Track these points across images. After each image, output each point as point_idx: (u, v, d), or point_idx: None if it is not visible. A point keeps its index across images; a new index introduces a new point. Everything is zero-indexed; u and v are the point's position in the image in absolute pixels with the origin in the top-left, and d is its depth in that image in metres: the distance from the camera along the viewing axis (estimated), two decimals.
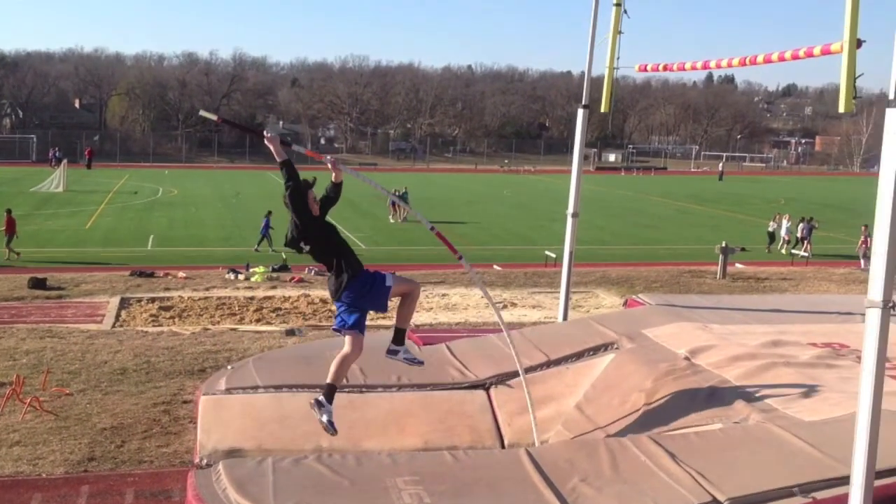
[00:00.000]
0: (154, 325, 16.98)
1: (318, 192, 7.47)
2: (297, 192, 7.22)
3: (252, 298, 19.73)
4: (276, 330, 16.42)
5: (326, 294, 20.01)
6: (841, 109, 5.75)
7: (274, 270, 23.47)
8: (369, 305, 7.41)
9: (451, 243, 7.86)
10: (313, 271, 23.49)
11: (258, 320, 17.68)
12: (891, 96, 5.27)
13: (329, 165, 7.69)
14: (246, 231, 34.17)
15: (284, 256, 25.43)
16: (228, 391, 9.07)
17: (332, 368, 7.40)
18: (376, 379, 9.16)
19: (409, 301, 7.67)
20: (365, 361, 9.67)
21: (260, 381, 9.24)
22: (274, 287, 21.40)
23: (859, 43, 5.66)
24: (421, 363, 7.98)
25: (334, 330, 7.60)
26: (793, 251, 29.44)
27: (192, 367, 13.00)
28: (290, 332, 15.88)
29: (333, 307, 19.22)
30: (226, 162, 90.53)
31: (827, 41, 5.97)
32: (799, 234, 30.53)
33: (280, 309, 18.74)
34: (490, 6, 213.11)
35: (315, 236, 7.35)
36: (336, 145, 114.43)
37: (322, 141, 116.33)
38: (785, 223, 31.46)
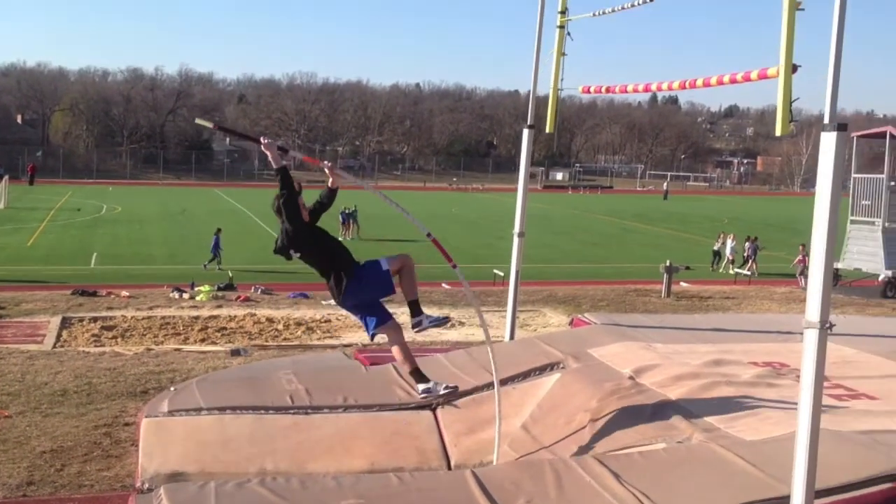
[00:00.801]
0: (96, 346, 16.68)
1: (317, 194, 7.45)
2: (291, 199, 7.21)
3: (197, 318, 19.48)
4: (221, 350, 16.23)
5: (273, 313, 19.93)
6: (778, 133, 5.89)
7: (220, 289, 23.22)
8: (378, 294, 7.44)
9: (447, 253, 7.85)
10: (260, 290, 23.30)
11: (203, 340, 17.46)
12: (826, 120, 5.41)
13: (326, 171, 7.65)
14: (192, 248, 33.79)
15: (231, 275, 25.19)
16: (171, 413, 8.93)
17: (400, 359, 7.72)
18: (322, 400, 9.09)
19: (406, 274, 7.66)
20: (311, 382, 9.62)
21: (203, 403, 9.11)
22: (219, 306, 21.16)
23: (795, 68, 5.80)
24: (447, 319, 7.92)
25: (371, 338, 7.81)
26: (737, 270, 29.89)
27: (135, 388, 12.79)
28: (236, 353, 15.70)
29: (280, 326, 18.99)
30: (172, 178, 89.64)
31: (767, 64, 6.09)
32: (745, 254, 31.03)
33: (225, 328, 18.53)
34: (437, 25, 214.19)
35: (306, 243, 7.32)
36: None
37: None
38: (730, 242, 31.94)
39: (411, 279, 7.66)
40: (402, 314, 8.76)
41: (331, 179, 7.62)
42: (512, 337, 12.02)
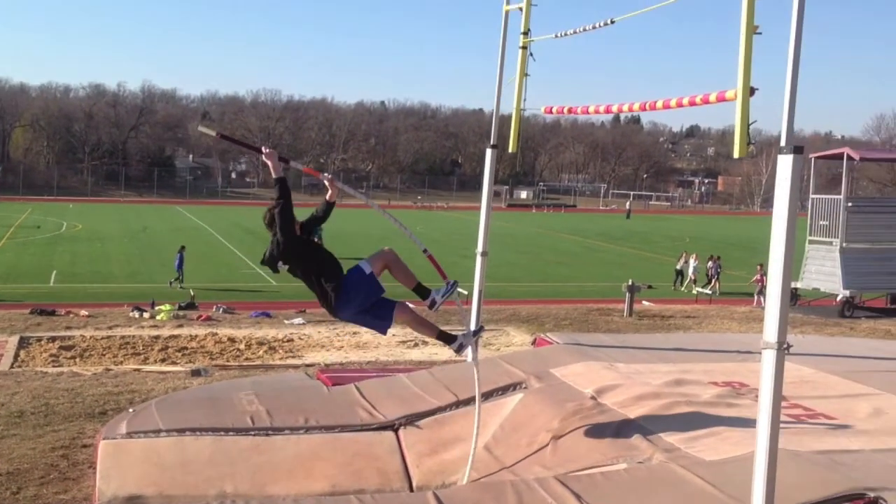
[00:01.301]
0: (54, 366, 16.44)
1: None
2: (288, 209, 7.15)
3: (157, 337, 19.28)
4: (182, 370, 16.06)
5: (234, 332, 19.77)
6: (736, 155, 5.96)
7: (181, 308, 23.01)
8: (368, 298, 7.34)
9: (442, 269, 7.84)
10: (222, 309, 23.13)
11: (163, 360, 17.28)
12: (783, 143, 5.49)
13: (326, 183, 7.59)
14: (153, 267, 33.50)
15: (192, 293, 24.99)
16: (129, 435, 8.80)
17: (422, 331, 7.79)
18: (283, 421, 9.01)
19: (394, 267, 7.55)
20: (272, 403, 9.53)
21: (162, 425, 9.00)
22: (180, 325, 20.96)
23: (752, 91, 5.88)
24: (455, 283, 7.82)
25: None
26: (698, 289, 30.14)
27: (93, 409, 12.60)
28: (196, 373, 15.55)
29: (242, 346, 18.85)
30: (133, 195, 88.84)
31: (727, 85, 6.16)
32: (708, 273, 31.33)
33: (186, 348, 18.36)
34: (402, 43, 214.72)
35: (296, 255, 7.25)
36: (248, 179, 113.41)
37: (233, 175, 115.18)
38: (693, 262, 32.22)
39: (401, 269, 7.58)
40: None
41: (329, 192, 7.56)
42: (475, 357, 12.00)
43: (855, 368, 10.20)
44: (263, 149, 7.37)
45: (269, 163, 7.30)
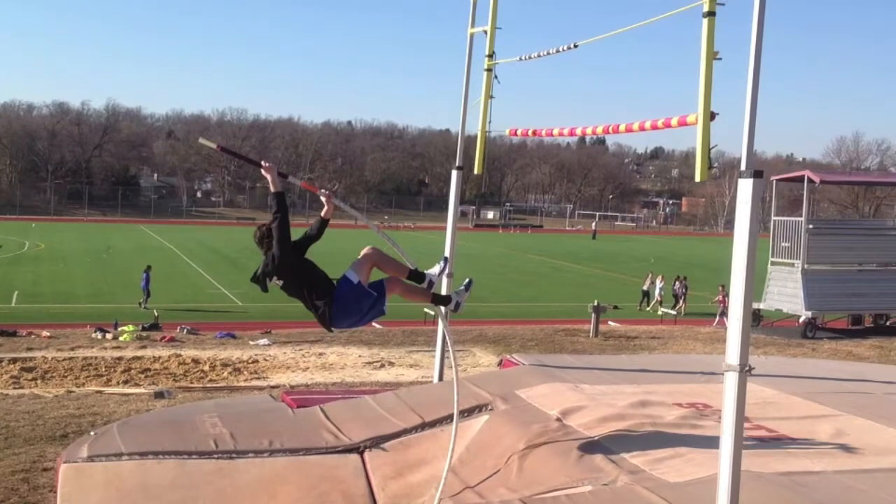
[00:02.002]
0: (15, 388, 16.20)
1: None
2: (285, 224, 7.05)
3: (120, 359, 19.07)
4: (145, 392, 15.90)
5: (199, 353, 19.60)
6: (697, 179, 6.03)
7: (144, 329, 22.80)
8: (361, 308, 7.29)
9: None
10: (186, 330, 22.94)
11: (126, 382, 17.09)
12: (743, 167, 5.57)
13: (323, 199, 7.53)
14: (116, 287, 33.19)
15: (157, 314, 24.76)
16: (91, 458, 8.68)
17: (416, 299, 7.77)
18: (247, 444, 8.93)
19: (383, 263, 7.50)
20: (236, 425, 9.45)
21: (124, 448, 8.88)
22: (144, 346, 20.75)
23: (713, 115, 5.96)
24: (445, 261, 7.91)
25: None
26: (663, 310, 30.34)
27: (54, 432, 12.43)
28: (160, 395, 15.39)
29: (206, 367, 18.67)
30: (97, 215, 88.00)
31: (690, 108, 6.23)
32: (674, 293, 31.57)
33: (149, 370, 18.18)
34: (369, 64, 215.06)
35: (291, 271, 7.14)
36: (213, 199, 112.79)
37: (198, 194, 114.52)
38: (659, 283, 32.43)
39: (390, 263, 7.53)
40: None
41: (325, 209, 7.51)
42: (440, 378, 12.00)
43: (817, 390, 10.31)
44: (263, 163, 7.31)
45: (268, 177, 7.23)
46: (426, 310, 24.93)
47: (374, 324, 25.50)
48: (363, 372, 18.62)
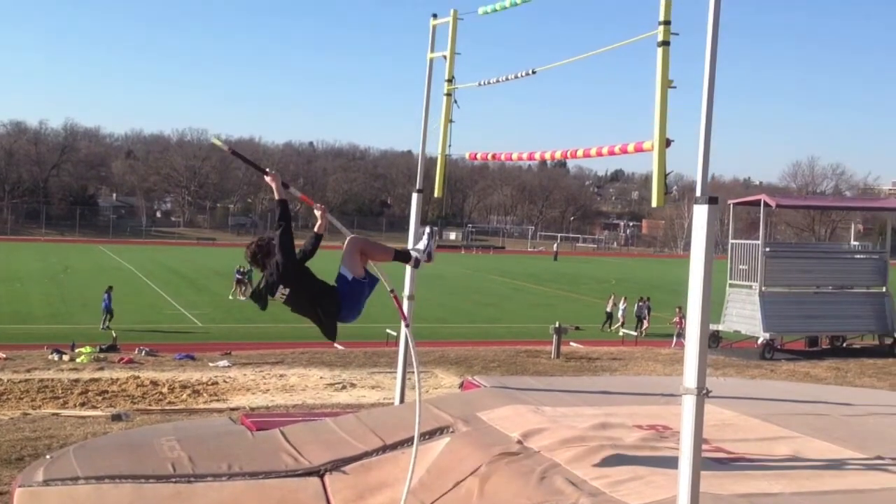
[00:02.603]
0: None
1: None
2: (290, 231, 7.09)
3: (77, 381, 18.81)
4: (102, 415, 15.69)
5: (157, 375, 19.39)
6: (654, 204, 6.11)
7: (102, 351, 22.52)
8: (363, 299, 7.39)
9: (403, 311, 8.00)
10: (144, 351, 22.70)
11: (83, 404, 16.86)
12: (698, 193, 5.66)
13: (317, 213, 7.50)
14: (74, 308, 32.79)
15: (115, 335, 24.49)
16: (46, 483, 8.54)
17: (379, 258, 7.63)
18: (206, 468, 8.84)
19: (369, 251, 7.56)
20: (194, 449, 9.36)
21: (80, 472, 8.76)
22: (101, 368, 20.50)
23: (669, 142, 6.05)
24: (429, 234, 7.90)
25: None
26: (624, 331, 30.54)
27: (9, 455, 12.24)
28: (117, 417, 15.20)
29: (165, 389, 18.49)
30: (55, 235, 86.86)
31: (647, 132, 6.31)
32: (637, 314, 31.80)
33: (107, 392, 17.94)
34: (331, 85, 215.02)
35: (296, 278, 7.11)
36: (173, 219, 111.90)
37: (158, 214, 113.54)
38: (622, 304, 32.63)
39: (376, 250, 7.61)
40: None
41: (319, 223, 7.50)
42: (402, 401, 11.97)
43: (774, 411, 10.42)
44: (268, 170, 7.42)
45: (273, 185, 7.33)
46: (388, 331, 24.89)
47: (335, 345, 25.41)
48: (324, 394, 18.53)
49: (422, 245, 7.89)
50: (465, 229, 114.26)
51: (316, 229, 7.55)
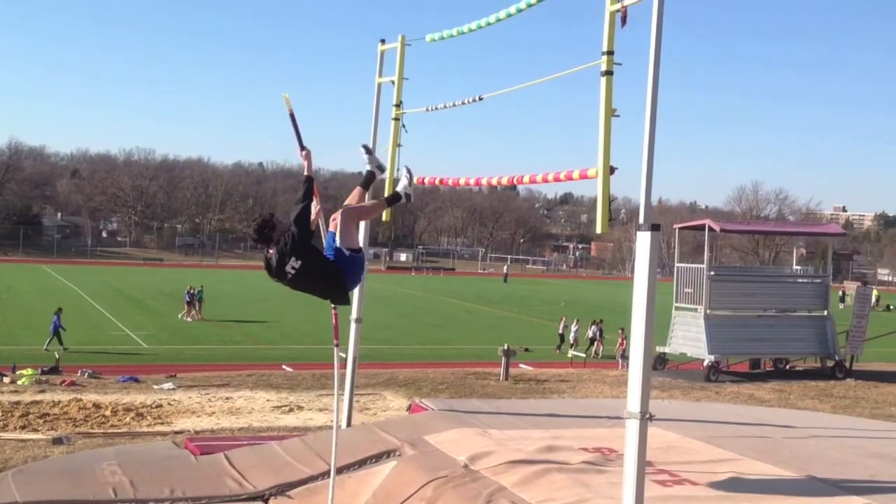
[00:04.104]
0: None
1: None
2: (309, 210, 7.16)
3: (18, 403, 18.42)
4: (43, 438, 15.37)
5: (100, 398, 19.07)
6: (598, 231, 6.19)
7: (43, 373, 22.09)
8: (363, 264, 7.48)
9: (338, 331, 8.11)
10: (87, 373, 22.32)
11: (23, 427, 16.49)
12: (641, 220, 5.75)
13: (314, 208, 7.45)
14: (15, 329, 32.17)
15: (58, 357, 24.07)
16: None
17: (374, 214, 8.21)
18: (148, 492, 8.73)
19: (363, 214, 7.94)
20: (136, 473, 9.23)
21: (19, 497, 8.59)
22: (43, 391, 20.10)
23: (613, 170, 6.15)
24: (408, 170, 7.95)
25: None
26: (573, 353, 30.67)
27: None
28: (58, 441, 14.90)
29: (108, 412, 18.15)
30: None
31: (593, 159, 6.39)
32: (590, 336, 31.97)
33: (48, 414, 17.58)
34: (280, 105, 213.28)
35: (307, 249, 7.07)
36: (119, 239, 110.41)
37: (104, 234, 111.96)
38: (574, 326, 32.77)
39: (371, 212, 7.98)
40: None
41: (312, 219, 7.44)
42: (349, 424, 11.92)
43: (719, 434, 10.55)
44: (305, 147, 7.61)
45: (305, 162, 7.56)
46: (339, 353, 24.72)
47: (283, 367, 25.24)
48: (271, 416, 18.35)
49: (405, 181, 7.92)
50: (416, 251, 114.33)
51: (306, 172, 7.57)
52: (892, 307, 61.68)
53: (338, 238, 7.25)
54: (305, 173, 7.46)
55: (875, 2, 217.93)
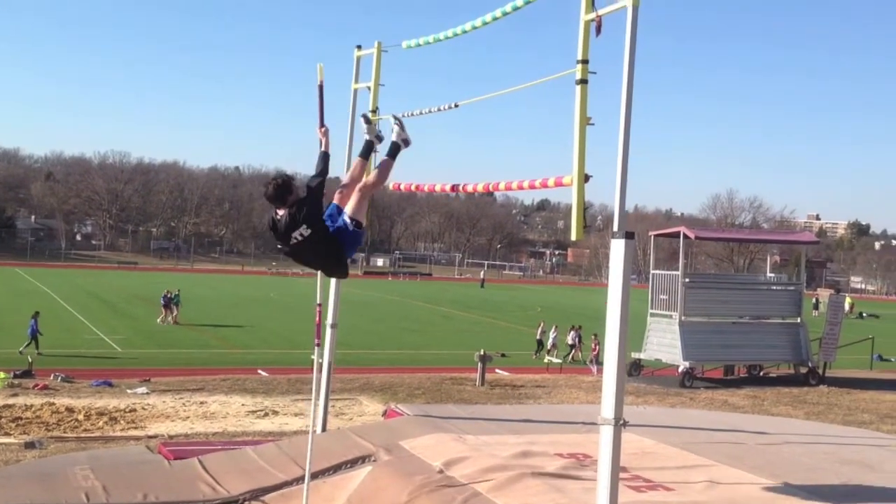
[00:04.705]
0: None
1: None
2: (324, 184, 7.30)
3: None
4: (15, 442, 15.20)
5: (73, 402, 18.92)
6: (573, 238, 6.22)
7: (16, 376, 21.88)
8: (361, 239, 7.54)
9: (320, 331, 8.17)
10: (60, 377, 22.13)
11: None
12: (615, 228, 5.78)
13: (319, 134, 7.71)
14: None
15: (31, 360, 23.87)
16: None
17: (385, 177, 7.82)
18: (120, 497, 8.66)
19: (374, 188, 7.77)
20: (109, 478, 9.17)
21: None
22: (15, 394, 19.90)
23: (587, 178, 6.18)
24: (396, 119, 7.97)
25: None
26: (549, 358, 30.76)
27: None
28: (30, 445, 14.74)
29: (81, 416, 18.02)
30: None
31: (569, 165, 6.41)
32: (569, 342, 32.07)
33: (21, 418, 17.40)
34: (257, 109, 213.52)
35: (320, 224, 7.17)
36: (94, 242, 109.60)
37: (78, 237, 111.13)
38: (552, 332, 32.84)
39: (380, 180, 7.80)
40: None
41: (324, 141, 7.66)
42: (324, 429, 11.89)
43: (693, 440, 10.61)
44: (325, 125, 7.80)
45: (323, 139, 7.69)
46: (314, 357, 24.68)
47: (259, 371, 25.14)
48: (246, 421, 18.25)
49: (397, 129, 7.96)
50: (393, 256, 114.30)
51: (323, 148, 7.69)
52: (864, 315, 62.30)
53: (348, 211, 7.34)
54: (322, 149, 7.59)
55: (850, 5, 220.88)
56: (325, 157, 7.57)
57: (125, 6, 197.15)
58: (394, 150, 7.88)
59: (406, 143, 7.91)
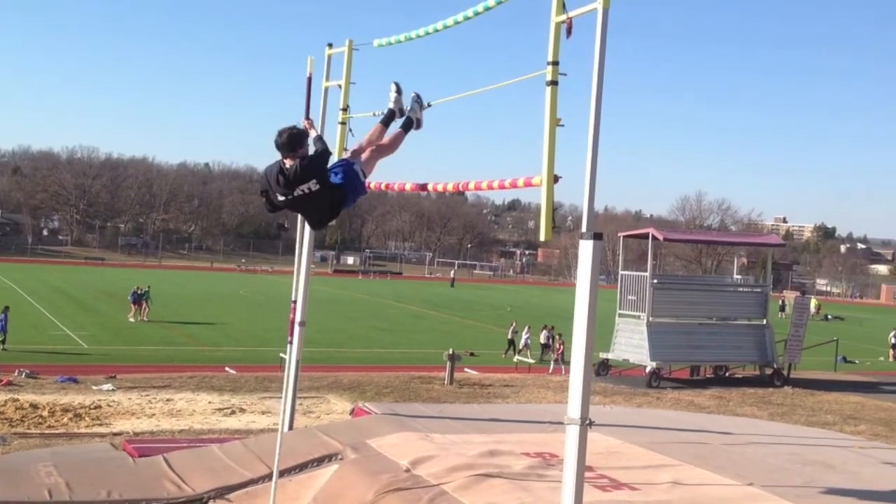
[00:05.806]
0: None
1: None
2: (328, 153, 7.31)
3: None
4: None
5: (37, 398, 18.73)
6: (542, 238, 6.25)
7: None
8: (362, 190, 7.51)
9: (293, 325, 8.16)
10: (24, 373, 21.88)
11: None
12: (584, 229, 5.81)
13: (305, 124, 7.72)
14: None
15: None
16: None
17: (396, 147, 7.73)
18: (84, 494, 8.59)
19: (386, 151, 7.66)
20: (72, 475, 9.08)
21: None
22: None
23: (557, 178, 6.21)
24: (395, 85, 7.95)
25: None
26: (519, 358, 30.82)
27: None
28: None
29: (45, 413, 17.80)
30: None
31: (539, 166, 6.44)
32: (542, 341, 32.17)
33: None
34: (227, 106, 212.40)
35: (328, 181, 7.10)
36: (61, 237, 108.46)
37: (45, 232, 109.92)
38: (525, 332, 32.90)
39: (395, 145, 7.73)
40: None
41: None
42: (290, 427, 11.85)
43: (659, 439, 10.70)
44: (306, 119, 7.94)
45: (311, 130, 7.62)
46: (282, 355, 24.58)
47: (227, 369, 25.00)
48: (212, 419, 18.13)
49: (408, 101, 7.92)
50: (363, 254, 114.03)
51: (315, 134, 7.63)
52: (830, 317, 63.02)
53: (362, 166, 7.37)
54: (316, 134, 7.55)
55: (814, 4, 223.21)
56: (321, 139, 7.54)
57: (93, 1, 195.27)
58: (407, 125, 7.84)
59: (419, 123, 7.89)
